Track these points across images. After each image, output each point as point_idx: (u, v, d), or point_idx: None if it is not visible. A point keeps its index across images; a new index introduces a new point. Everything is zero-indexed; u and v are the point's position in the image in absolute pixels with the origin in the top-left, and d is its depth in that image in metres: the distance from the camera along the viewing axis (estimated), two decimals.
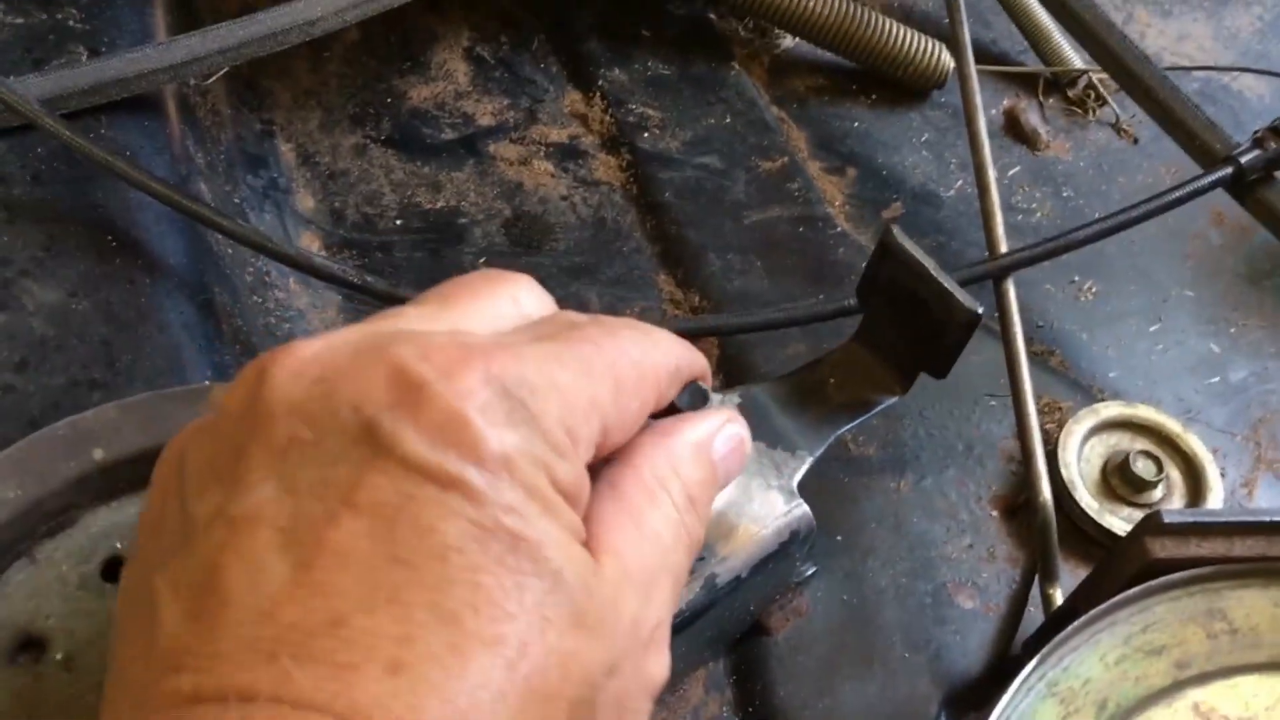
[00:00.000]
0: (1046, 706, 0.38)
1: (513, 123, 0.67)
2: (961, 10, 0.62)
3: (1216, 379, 0.62)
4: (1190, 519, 0.40)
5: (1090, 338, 0.62)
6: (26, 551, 0.40)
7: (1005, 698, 0.36)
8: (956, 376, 0.58)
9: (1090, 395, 0.59)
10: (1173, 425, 0.55)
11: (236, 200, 0.60)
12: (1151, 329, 0.63)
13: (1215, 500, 0.53)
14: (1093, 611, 0.39)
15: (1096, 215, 0.65)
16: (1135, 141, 0.71)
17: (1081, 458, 0.54)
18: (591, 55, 0.70)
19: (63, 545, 0.40)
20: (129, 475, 0.41)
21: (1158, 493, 0.53)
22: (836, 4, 0.69)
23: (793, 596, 0.51)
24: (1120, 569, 0.40)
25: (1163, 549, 0.39)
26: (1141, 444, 0.54)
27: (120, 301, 0.50)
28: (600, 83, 0.69)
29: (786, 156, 0.66)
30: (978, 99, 0.58)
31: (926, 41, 0.70)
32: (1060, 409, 0.57)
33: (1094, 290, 0.64)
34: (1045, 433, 0.56)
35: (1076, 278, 0.64)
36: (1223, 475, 0.58)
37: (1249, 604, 0.40)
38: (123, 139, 0.56)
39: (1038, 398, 0.58)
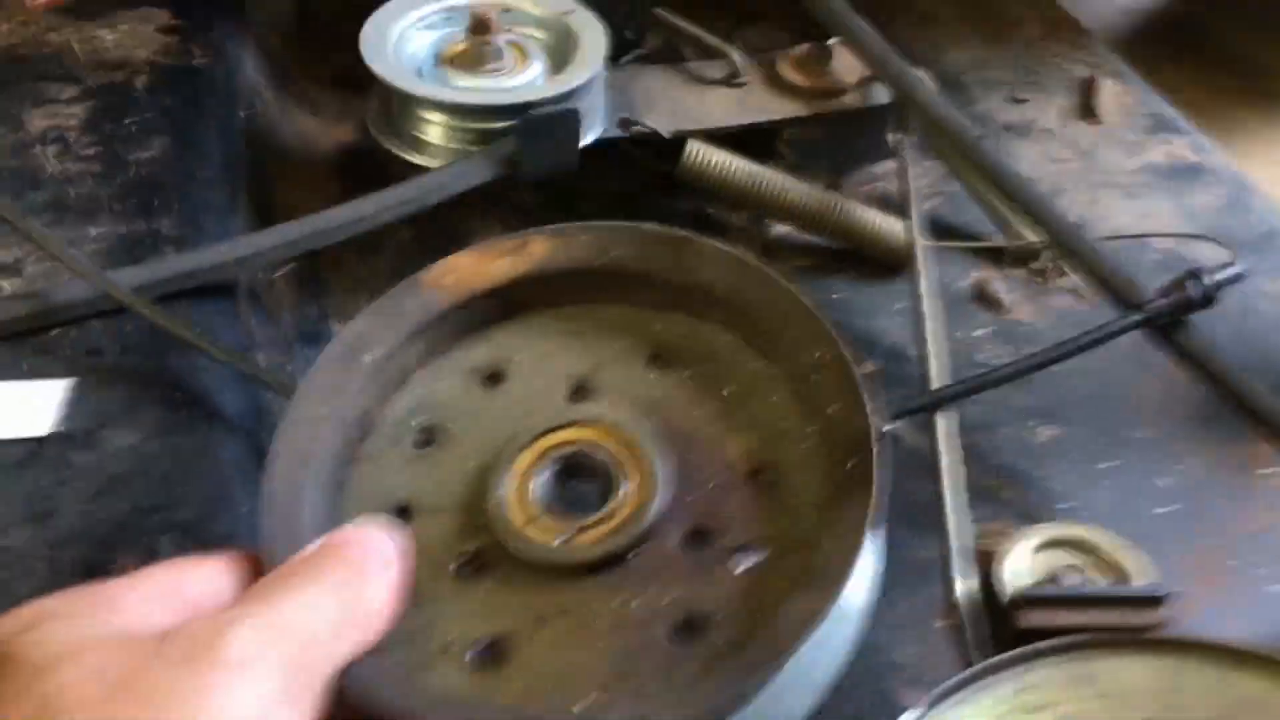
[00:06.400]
0: None
1: None
2: (911, 198, 0.72)
3: (1162, 510, 0.67)
4: (1055, 594, 0.46)
5: (1043, 475, 0.68)
6: (354, 463, 0.51)
7: None
8: (917, 508, 0.65)
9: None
10: (1102, 539, 0.60)
11: (290, 369, 0.70)
12: (1100, 465, 0.69)
13: None
14: (972, 670, 0.44)
15: (1061, 375, 0.72)
16: (1094, 304, 0.79)
17: (1017, 574, 0.60)
18: None
19: (380, 442, 0.52)
20: (401, 369, 0.53)
21: None
22: (814, 196, 0.79)
23: None
24: (1001, 640, 0.46)
25: (1027, 620, 0.45)
26: (1074, 560, 0.60)
27: (183, 445, 0.60)
28: None
29: None
30: (920, 264, 0.67)
31: (896, 224, 0.79)
32: (1006, 534, 0.63)
33: (1048, 433, 0.70)
34: (989, 554, 0.62)
35: (1031, 422, 0.71)
36: None
37: (1120, 670, 0.46)
38: (200, 318, 0.67)
39: (987, 523, 0.64)
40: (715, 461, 0.48)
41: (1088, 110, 0.95)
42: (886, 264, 0.80)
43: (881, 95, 0.82)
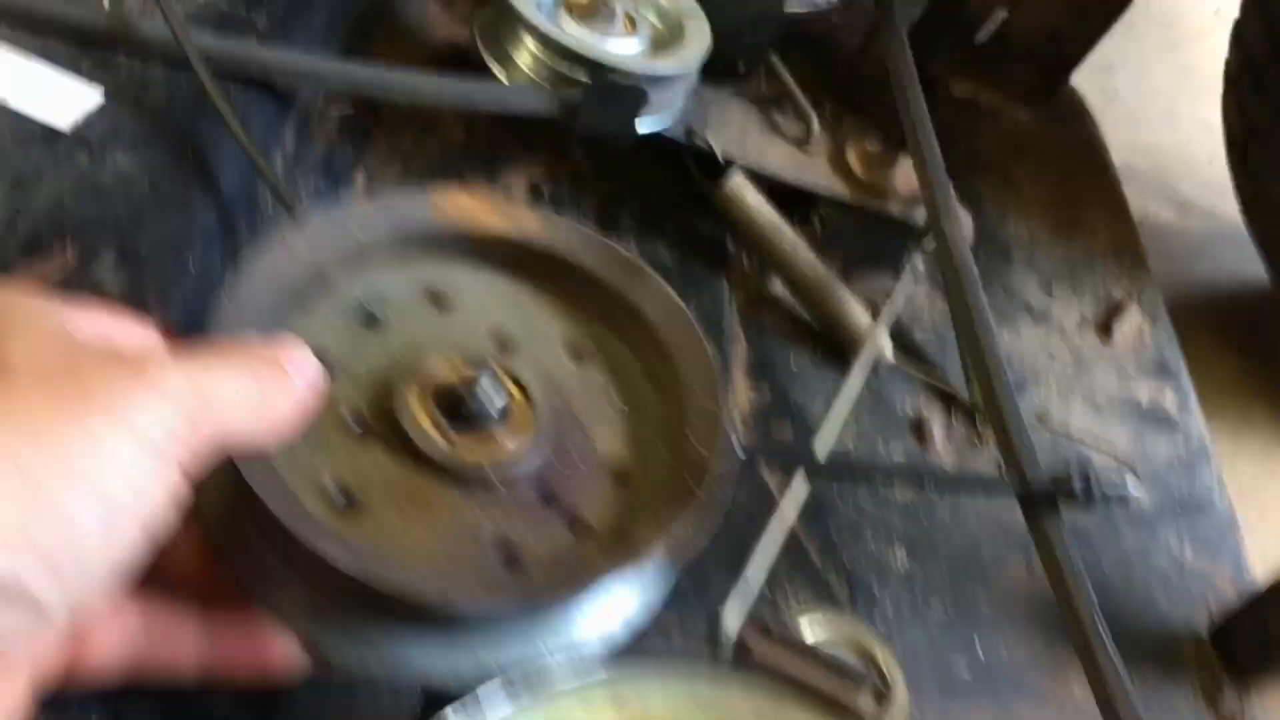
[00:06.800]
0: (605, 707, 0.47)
1: None
2: (887, 305, 0.76)
3: (961, 679, 0.70)
4: (788, 636, 0.49)
5: (875, 592, 0.72)
6: (301, 307, 0.55)
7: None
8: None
9: None
10: (886, 660, 0.63)
11: (296, 187, 0.76)
12: (931, 611, 0.72)
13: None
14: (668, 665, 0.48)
15: (946, 520, 0.76)
16: None
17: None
18: (621, 225, 0.86)
19: (328, 303, 0.56)
20: (374, 257, 0.57)
21: None
22: (818, 271, 0.83)
23: None
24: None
25: (759, 648, 0.49)
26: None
27: (169, 190, 0.66)
28: None
29: (724, 361, 0.80)
30: (863, 354, 0.71)
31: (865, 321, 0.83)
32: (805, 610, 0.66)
33: (902, 561, 0.74)
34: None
35: (896, 546, 0.74)
36: None
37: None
38: (245, 109, 0.73)
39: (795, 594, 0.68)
40: (589, 452, 0.56)
41: (1105, 330, 0.98)
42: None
43: (921, 218, 0.87)
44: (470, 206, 0.61)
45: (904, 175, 0.88)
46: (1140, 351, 0.98)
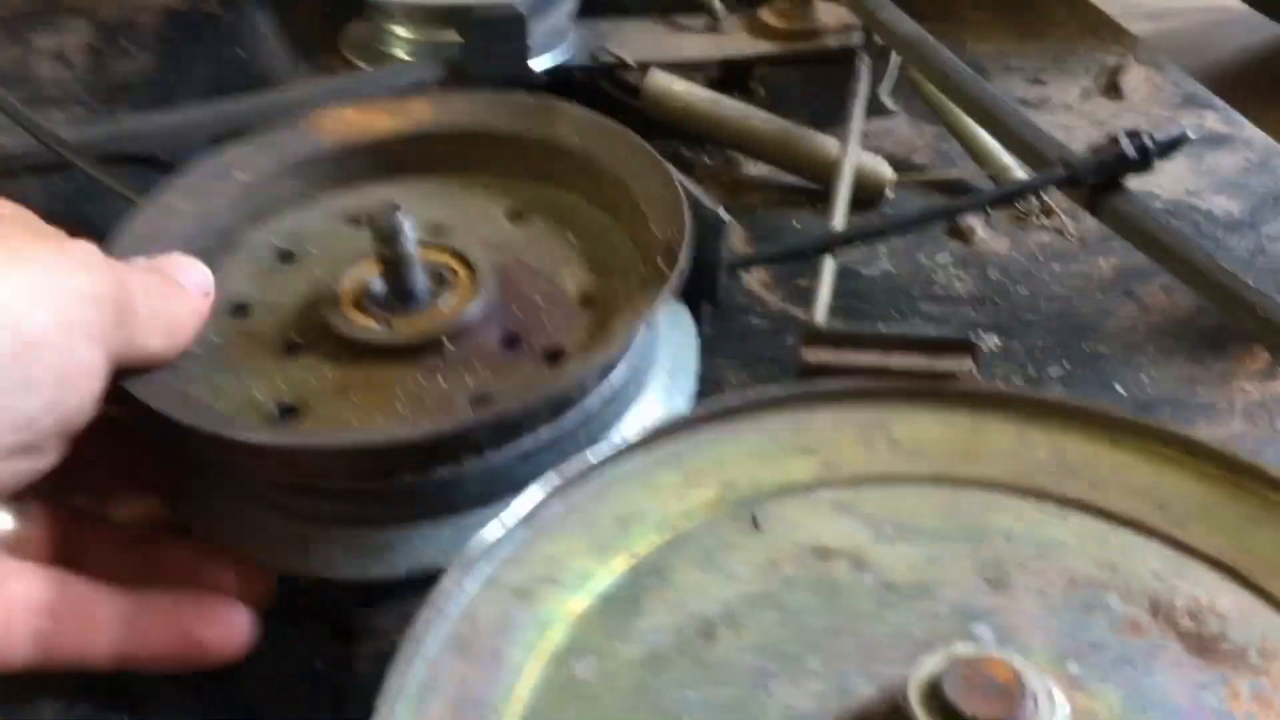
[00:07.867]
0: (667, 473, 0.38)
1: None
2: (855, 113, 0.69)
3: None
4: (847, 331, 0.40)
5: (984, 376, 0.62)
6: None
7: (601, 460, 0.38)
8: None
9: None
10: None
11: None
12: (1051, 371, 0.62)
13: None
14: (738, 402, 0.39)
15: (1024, 294, 0.67)
16: (1082, 243, 0.73)
17: None
18: None
19: (234, 255, 0.52)
20: (276, 198, 0.54)
21: None
22: (777, 124, 0.76)
23: None
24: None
25: (815, 356, 0.40)
26: None
27: None
28: None
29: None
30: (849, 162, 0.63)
31: (869, 158, 0.75)
32: None
33: (996, 344, 0.64)
34: None
35: (983, 333, 0.65)
36: None
37: (916, 422, 0.40)
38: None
39: None
40: (549, 288, 0.50)
41: (1112, 89, 0.90)
42: (859, 199, 0.76)
43: (860, 39, 0.80)
44: (354, 117, 0.56)
45: (827, 10, 0.82)
46: (1160, 94, 0.90)
